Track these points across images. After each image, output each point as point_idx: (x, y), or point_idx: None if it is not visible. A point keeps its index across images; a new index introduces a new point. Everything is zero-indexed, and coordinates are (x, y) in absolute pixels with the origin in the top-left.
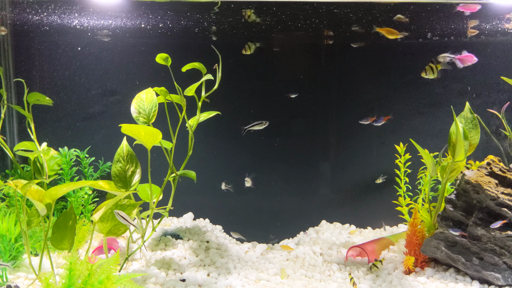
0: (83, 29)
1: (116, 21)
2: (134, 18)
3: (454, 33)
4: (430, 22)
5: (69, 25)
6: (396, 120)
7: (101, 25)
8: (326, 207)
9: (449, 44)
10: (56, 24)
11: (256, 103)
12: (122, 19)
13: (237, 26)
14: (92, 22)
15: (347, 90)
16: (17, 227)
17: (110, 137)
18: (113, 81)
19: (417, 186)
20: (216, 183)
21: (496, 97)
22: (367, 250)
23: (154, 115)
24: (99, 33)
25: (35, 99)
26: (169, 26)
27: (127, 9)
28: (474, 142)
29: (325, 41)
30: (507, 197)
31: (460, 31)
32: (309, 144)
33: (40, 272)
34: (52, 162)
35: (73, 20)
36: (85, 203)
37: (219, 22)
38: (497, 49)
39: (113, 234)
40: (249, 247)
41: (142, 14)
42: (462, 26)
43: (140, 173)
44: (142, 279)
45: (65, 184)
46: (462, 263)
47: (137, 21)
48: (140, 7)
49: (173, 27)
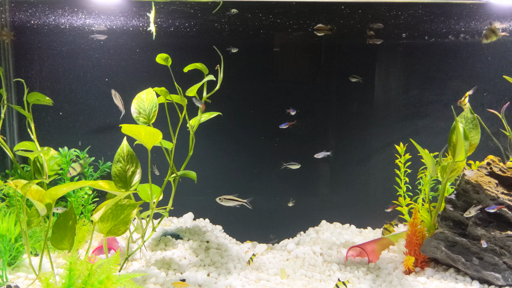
0: (83, 29)
1: (116, 21)
2: (135, 18)
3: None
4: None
5: (69, 25)
6: (397, 120)
7: (101, 24)
8: (326, 207)
9: (450, 43)
10: (56, 24)
11: (256, 103)
12: (123, 19)
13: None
14: (92, 22)
15: (348, 90)
16: (17, 227)
17: (110, 137)
18: (114, 81)
19: (417, 186)
20: (216, 183)
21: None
22: (367, 250)
23: (155, 115)
24: (99, 33)
25: (35, 99)
26: (170, 26)
27: (127, 9)
28: (474, 142)
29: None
30: (507, 197)
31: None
32: (309, 144)
33: (40, 272)
34: (52, 162)
35: (73, 20)
36: (85, 203)
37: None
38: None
39: (113, 234)
40: (249, 247)
41: (142, 14)
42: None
43: (140, 173)
44: (142, 279)
45: (65, 184)
46: (462, 263)
47: (137, 21)
48: (140, 7)
49: (173, 27)
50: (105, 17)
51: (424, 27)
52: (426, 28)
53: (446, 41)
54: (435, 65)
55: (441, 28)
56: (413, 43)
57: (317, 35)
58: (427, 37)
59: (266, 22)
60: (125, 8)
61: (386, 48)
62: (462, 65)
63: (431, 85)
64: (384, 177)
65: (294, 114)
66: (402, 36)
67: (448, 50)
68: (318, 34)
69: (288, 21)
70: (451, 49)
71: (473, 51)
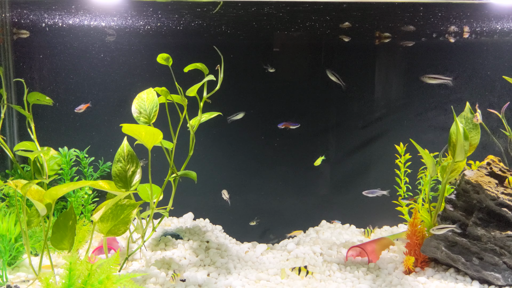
0: (83, 28)
1: (116, 21)
2: (135, 18)
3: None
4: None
5: (69, 25)
6: (397, 120)
7: (101, 24)
8: (326, 207)
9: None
10: (56, 23)
11: (256, 103)
12: (122, 19)
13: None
14: (91, 22)
15: (348, 90)
16: (17, 227)
17: (110, 137)
18: (114, 81)
19: (417, 186)
20: (217, 183)
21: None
22: (367, 250)
23: (155, 115)
24: (98, 32)
25: (35, 99)
26: (170, 25)
27: (127, 9)
28: (474, 142)
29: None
30: (507, 197)
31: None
32: (309, 144)
33: (40, 272)
34: (52, 162)
35: (73, 20)
36: (85, 203)
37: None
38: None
39: (113, 234)
40: (249, 247)
41: (143, 14)
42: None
43: (141, 173)
44: (142, 279)
45: (65, 184)
46: (462, 263)
47: (138, 20)
48: (141, 7)
49: (174, 26)
50: (105, 17)
51: (424, 27)
52: (426, 28)
53: (445, 41)
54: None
55: (441, 28)
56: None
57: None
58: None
59: (266, 22)
60: (125, 8)
61: (386, 48)
62: (462, 65)
63: (432, 85)
64: (384, 177)
65: (294, 127)
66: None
67: (450, 50)
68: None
69: (288, 21)
70: (454, 48)
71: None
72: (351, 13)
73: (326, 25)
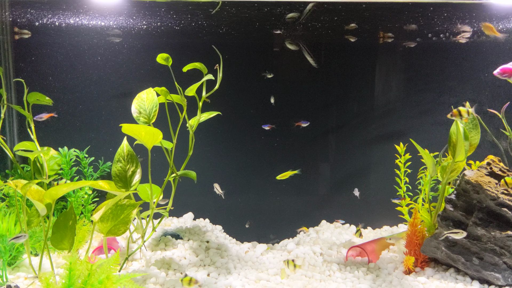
0: (83, 28)
1: (116, 21)
2: (135, 18)
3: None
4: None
5: (69, 25)
6: (397, 120)
7: (100, 24)
8: (326, 207)
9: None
10: (56, 23)
11: (256, 103)
12: (122, 19)
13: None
14: (91, 22)
15: (348, 90)
16: (17, 227)
17: (110, 137)
18: (114, 81)
19: (417, 186)
20: (217, 183)
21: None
22: (367, 250)
23: (155, 115)
24: (98, 32)
25: (35, 99)
26: (170, 25)
27: (127, 9)
28: (474, 142)
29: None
30: (507, 197)
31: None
32: (309, 144)
33: (40, 272)
34: (52, 162)
35: (73, 20)
36: (85, 203)
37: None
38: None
39: (113, 234)
40: (249, 247)
41: (143, 14)
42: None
43: (141, 173)
44: (142, 279)
45: (65, 184)
46: (462, 263)
47: (138, 21)
48: (141, 7)
49: (175, 26)
50: (105, 17)
51: (423, 27)
52: (426, 28)
53: (446, 41)
54: (434, 65)
55: (441, 28)
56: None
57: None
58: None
59: (266, 22)
60: (125, 8)
61: (385, 48)
62: (462, 65)
63: (431, 85)
64: (384, 177)
65: (305, 125)
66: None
67: (451, 50)
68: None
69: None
70: (454, 48)
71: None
72: (351, 13)
73: (329, 25)
